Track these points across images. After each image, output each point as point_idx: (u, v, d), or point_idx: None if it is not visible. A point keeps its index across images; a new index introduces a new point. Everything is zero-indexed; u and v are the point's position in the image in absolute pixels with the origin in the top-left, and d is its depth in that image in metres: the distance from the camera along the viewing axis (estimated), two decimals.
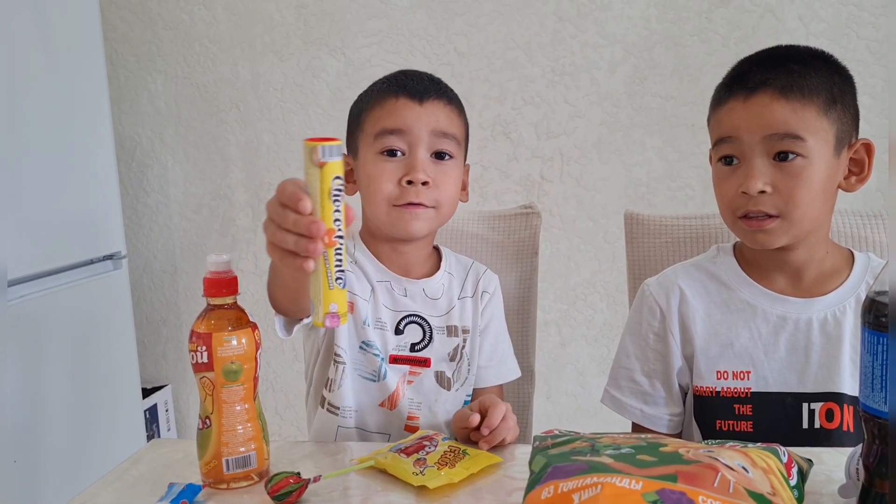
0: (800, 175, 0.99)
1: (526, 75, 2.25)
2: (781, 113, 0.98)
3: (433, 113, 1.11)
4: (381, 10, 2.27)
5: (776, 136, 0.99)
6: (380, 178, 1.10)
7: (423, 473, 0.85)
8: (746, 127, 1.00)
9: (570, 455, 0.73)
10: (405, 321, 1.15)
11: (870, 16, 2.12)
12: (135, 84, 2.42)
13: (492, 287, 1.23)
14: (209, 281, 0.86)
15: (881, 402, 0.65)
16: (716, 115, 1.07)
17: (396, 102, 1.11)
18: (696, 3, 2.17)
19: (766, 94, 1.00)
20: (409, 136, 1.09)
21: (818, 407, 1.04)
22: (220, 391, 0.86)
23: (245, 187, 2.41)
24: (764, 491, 0.65)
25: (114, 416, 2.06)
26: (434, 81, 1.16)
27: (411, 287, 1.17)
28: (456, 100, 1.17)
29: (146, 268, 2.50)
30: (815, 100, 0.99)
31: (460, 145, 1.15)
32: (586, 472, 0.67)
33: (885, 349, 0.65)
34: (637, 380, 1.14)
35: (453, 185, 1.13)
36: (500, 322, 1.25)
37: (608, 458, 0.71)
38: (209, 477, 0.87)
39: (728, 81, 1.06)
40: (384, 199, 1.10)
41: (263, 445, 0.89)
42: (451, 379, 1.17)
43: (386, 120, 1.10)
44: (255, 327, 0.88)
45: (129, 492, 0.88)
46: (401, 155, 1.10)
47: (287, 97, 2.35)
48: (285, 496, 0.81)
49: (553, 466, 0.70)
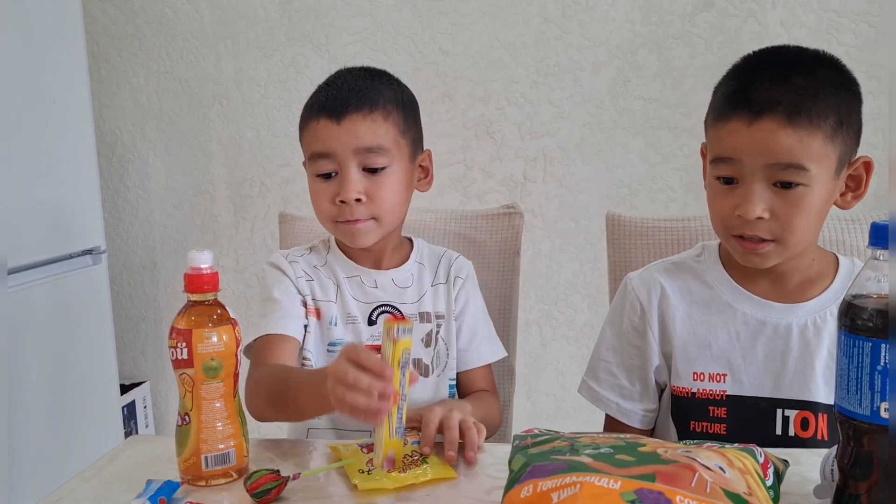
0: (800, 203, 0.96)
1: (510, 75, 2.26)
2: (787, 143, 0.94)
3: (352, 131, 1.10)
4: (365, 8, 2.27)
5: (779, 166, 0.95)
6: (318, 199, 1.14)
7: (368, 473, 0.85)
8: (749, 152, 0.96)
9: (549, 454, 0.73)
10: (377, 311, 1.18)
11: (850, 22, 2.14)
12: (116, 78, 2.40)
13: (464, 272, 1.25)
14: (190, 277, 0.86)
15: (856, 403, 0.66)
16: (716, 130, 1.02)
17: (318, 125, 1.12)
18: (680, 7, 2.19)
19: (773, 120, 0.95)
20: (334, 157, 1.11)
21: (793, 415, 1.03)
22: (200, 388, 0.85)
23: (227, 183, 2.40)
24: (740, 491, 0.65)
25: (91, 413, 2.04)
26: (354, 90, 1.12)
27: (380, 278, 1.20)
28: (383, 102, 1.13)
29: (126, 263, 2.48)
30: (823, 126, 0.95)
31: (390, 152, 1.13)
32: (565, 471, 0.67)
33: (860, 352, 0.66)
34: (615, 373, 1.13)
35: (390, 195, 1.13)
36: (477, 305, 1.26)
37: (587, 457, 0.70)
38: (188, 474, 0.87)
39: (731, 95, 1.01)
40: (326, 217, 1.15)
41: (243, 442, 0.89)
42: (429, 366, 1.19)
43: (312, 144, 1.13)
44: (235, 324, 0.87)
45: (106, 488, 0.88)
46: (335, 174, 1.12)
47: (270, 93, 2.34)
48: (264, 494, 0.81)
49: (532, 465, 0.70)
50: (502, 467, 0.84)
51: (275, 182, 2.37)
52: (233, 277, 2.40)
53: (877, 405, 0.65)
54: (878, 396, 0.65)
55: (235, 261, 2.41)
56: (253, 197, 2.39)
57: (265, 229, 2.39)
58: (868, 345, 0.65)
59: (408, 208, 1.20)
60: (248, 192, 2.39)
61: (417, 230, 1.37)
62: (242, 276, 2.41)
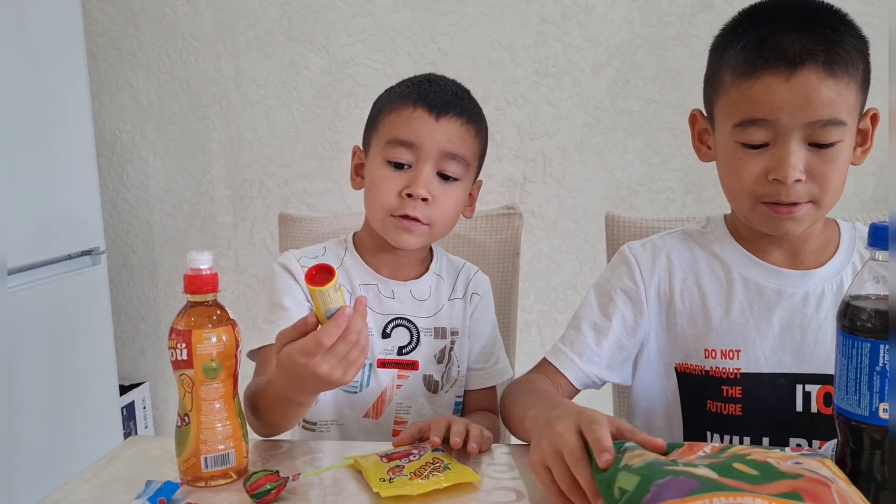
0: (836, 160, 0.91)
1: (509, 76, 2.26)
2: (828, 96, 0.88)
3: (447, 132, 1.08)
4: (365, 9, 2.27)
5: (820, 124, 0.88)
6: (382, 187, 1.09)
7: (390, 481, 0.83)
8: (788, 111, 0.89)
9: (661, 466, 0.64)
10: (392, 324, 1.14)
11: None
12: (116, 78, 2.40)
13: (482, 289, 1.22)
14: (190, 278, 0.86)
15: (855, 404, 0.66)
16: (744, 89, 0.92)
17: (413, 113, 1.08)
18: (679, 8, 2.19)
19: (812, 70, 0.87)
20: (418, 150, 1.07)
21: (814, 390, 0.97)
22: (200, 388, 0.85)
23: (226, 184, 2.40)
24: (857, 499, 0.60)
25: (90, 413, 2.04)
26: (457, 96, 1.11)
27: (398, 289, 1.16)
28: (476, 117, 1.13)
29: (125, 264, 2.48)
30: (856, 74, 0.90)
31: (469, 166, 1.12)
32: (700, 491, 0.58)
33: (859, 353, 0.66)
34: (583, 329, 1.06)
35: (453, 206, 1.12)
36: (493, 323, 1.24)
37: (708, 469, 0.62)
38: (187, 475, 0.87)
39: (759, 46, 0.91)
40: (382, 207, 1.09)
41: (242, 443, 0.88)
42: (439, 382, 1.16)
43: (399, 129, 1.08)
44: (234, 325, 0.87)
45: (105, 489, 0.88)
46: (407, 167, 1.09)
47: (270, 94, 2.34)
48: (263, 494, 0.81)
49: (655, 485, 0.60)
50: (501, 467, 0.85)
51: (274, 183, 2.37)
52: (232, 278, 2.40)
53: (876, 406, 0.65)
54: (876, 397, 0.65)
55: (235, 261, 2.41)
56: (252, 197, 2.39)
57: (265, 230, 2.39)
58: (867, 345, 0.65)
59: (453, 227, 1.17)
60: (248, 193, 2.39)
61: None
62: (242, 276, 2.41)
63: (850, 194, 2.22)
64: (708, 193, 2.18)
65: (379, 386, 1.13)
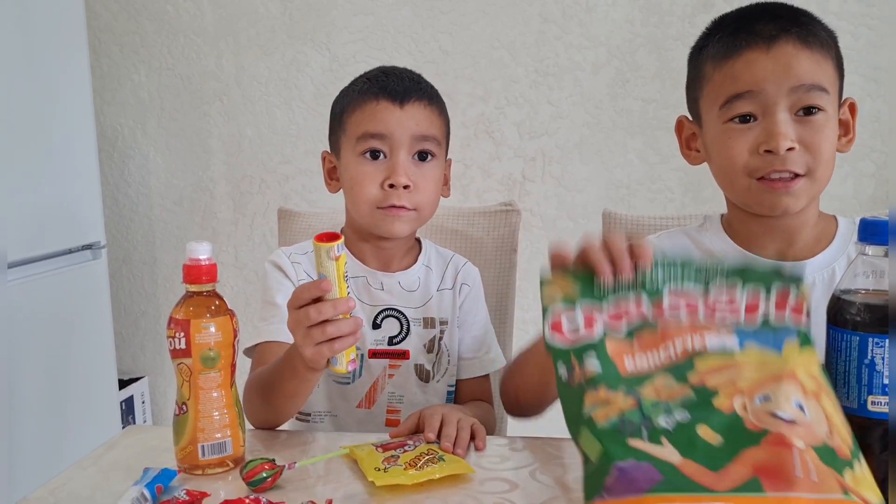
0: (823, 129, 0.94)
1: (510, 75, 2.26)
2: (808, 64, 0.93)
3: (413, 116, 1.11)
4: (366, 7, 2.28)
5: (803, 88, 0.92)
6: (363, 181, 1.11)
7: (385, 471, 0.84)
8: (773, 79, 0.93)
9: (625, 437, 0.65)
10: (382, 315, 1.16)
11: (849, 25, 2.15)
12: (118, 74, 2.41)
13: (471, 279, 1.24)
14: (189, 268, 0.86)
15: (844, 397, 0.67)
16: (727, 68, 0.97)
17: (377, 105, 1.11)
18: (680, 8, 2.20)
19: (788, 42, 0.93)
20: (390, 139, 1.10)
21: None
22: (198, 377, 0.86)
23: (227, 180, 2.41)
24: (822, 435, 0.62)
25: (89, 407, 2.05)
26: (414, 80, 1.15)
27: (387, 280, 1.18)
28: (437, 98, 1.17)
29: (125, 259, 2.49)
30: (829, 52, 0.96)
31: (441, 144, 1.15)
32: (660, 489, 0.60)
33: (848, 346, 0.66)
34: None
35: (434, 186, 1.14)
36: (483, 313, 1.25)
37: (673, 448, 0.63)
38: (185, 462, 0.88)
39: (736, 32, 0.97)
40: (367, 201, 1.11)
41: (239, 432, 0.89)
42: (430, 371, 1.17)
43: (367, 123, 1.11)
44: (233, 315, 0.88)
45: (103, 477, 0.89)
46: (383, 157, 1.11)
47: (271, 91, 2.35)
48: (259, 482, 0.82)
49: (616, 467, 0.62)
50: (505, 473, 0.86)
51: (274, 179, 2.38)
52: (232, 273, 2.41)
53: (864, 398, 0.66)
54: (865, 390, 0.66)
55: (235, 257, 2.42)
56: (252, 194, 2.40)
57: (264, 226, 2.40)
58: (856, 339, 0.66)
59: (437, 208, 1.19)
60: (248, 189, 2.40)
61: None
62: (242, 272, 2.42)
63: (850, 195, 2.23)
64: (707, 193, 2.18)
65: (371, 376, 1.15)
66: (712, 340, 0.69)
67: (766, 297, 0.70)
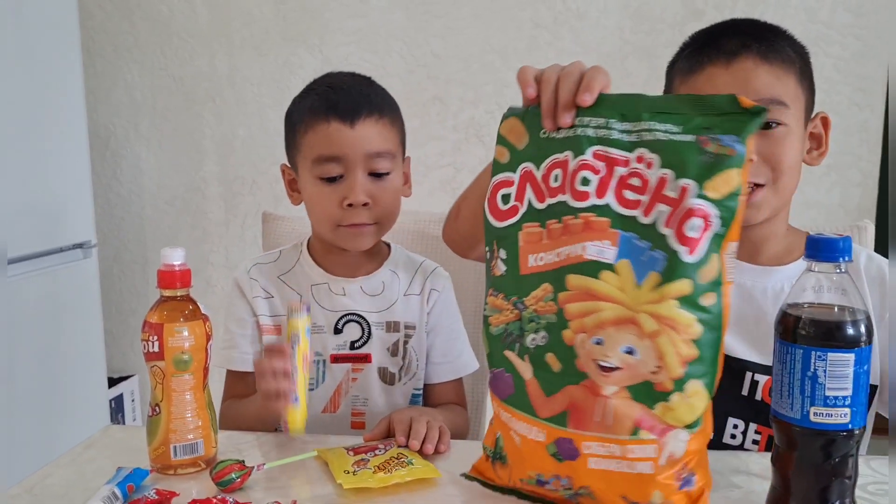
0: (783, 142, 0.98)
1: (501, 79, 2.28)
2: (767, 79, 0.97)
3: (366, 136, 1.10)
4: (360, 10, 2.30)
5: (763, 102, 0.93)
6: (321, 202, 1.13)
7: (354, 473, 0.86)
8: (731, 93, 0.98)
9: (504, 348, 0.78)
10: (343, 320, 1.18)
11: (838, 35, 2.17)
12: (111, 74, 2.43)
13: (440, 285, 1.24)
14: (162, 273, 0.88)
15: (788, 407, 0.69)
16: (688, 83, 1.02)
17: (328, 127, 1.10)
18: (670, 16, 2.21)
19: (748, 58, 0.97)
20: (344, 160, 1.10)
21: (762, 380, 1.01)
22: (170, 380, 0.88)
23: (219, 181, 2.43)
24: (645, 373, 0.70)
25: (79, 406, 2.07)
26: (364, 94, 1.13)
27: (349, 286, 1.19)
28: (388, 107, 1.15)
29: (116, 258, 2.51)
30: (793, 67, 0.99)
31: (396, 157, 1.15)
32: (509, 401, 0.78)
33: (793, 358, 0.68)
34: None
35: (392, 197, 1.15)
36: (454, 318, 1.26)
37: (528, 364, 0.76)
38: (157, 462, 0.89)
39: (700, 48, 1.02)
40: (327, 220, 1.13)
41: (211, 434, 0.91)
42: (395, 374, 1.19)
43: (320, 147, 1.11)
44: (206, 319, 0.90)
45: (79, 475, 0.90)
46: (339, 178, 1.12)
47: (264, 92, 2.37)
48: (229, 483, 0.83)
49: (491, 372, 0.80)
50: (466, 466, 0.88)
51: (266, 180, 2.40)
52: (223, 274, 2.43)
53: (807, 409, 0.67)
54: (808, 401, 0.67)
55: (225, 258, 2.44)
56: (244, 195, 2.42)
57: (255, 227, 2.41)
58: (800, 352, 0.68)
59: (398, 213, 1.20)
60: (240, 190, 2.42)
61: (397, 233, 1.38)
62: (232, 273, 2.43)
63: (836, 204, 2.25)
64: None
65: (334, 381, 1.17)
66: (593, 248, 0.73)
67: (675, 177, 0.71)
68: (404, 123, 1.21)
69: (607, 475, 0.72)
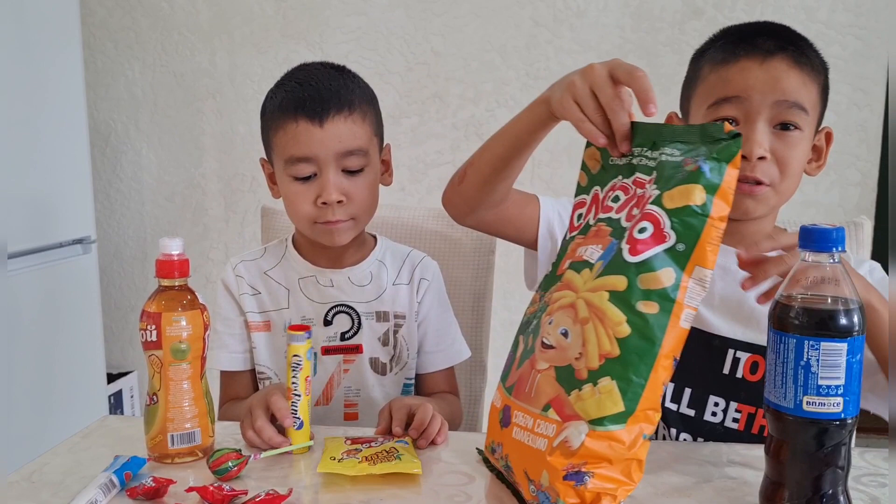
0: (796, 146, 1.00)
1: (501, 78, 2.29)
2: (795, 82, 0.99)
3: (335, 135, 1.09)
4: (360, 7, 2.30)
5: (786, 104, 0.99)
6: (296, 201, 1.12)
7: (339, 461, 0.86)
8: (760, 89, 0.99)
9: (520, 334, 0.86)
10: (333, 311, 1.18)
11: (837, 34, 2.17)
12: (112, 70, 2.43)
13: (429, 274, 1.25)
14: (161, 263, 0.89)
15: (781, 397, 0.69)
16: (723, 71, 1.03)
17: (297, 128, 1.09)
18: (670, 15, 2.22)
19: (783, 60, 1.00)
20: (315, 160, 1.10)
21: (744, 357, 1.04)
22: (168, 369, 0.88)
23: (218, 177, 2.43)
24: (570, 357, 0.74)
25: (78, 401, 2.07)
26: (332, 90, 1.11)
27: (336, 277, 1.19)
28: (358, 102, 1.12)
29: (116, 253, 2.51)
30: (818, 78, 1.02)
31: (369, 152, 1.13)
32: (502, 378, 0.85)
33: (786, 348, 0.69)
34: None
35: (367, 193, 1.14)
36: (445, 307, 1.27)
37: (522, 346, 0.83)
38: (154, 451, 0.90)
39: (737, 42, 1.03)
40: (304, 218, 1.13)
41: (208, 423, 0.92)
42: (386, 364, 1.19)
43: (291, 147, 1.10)
44: (204, 309, 0.90)
45: (76, 463, 0.91)
46: (313, 176, 1.11)
47: (264, 89, 2.30)
48: (225, 471, 0.84)
49: (510, 353, 0.86)
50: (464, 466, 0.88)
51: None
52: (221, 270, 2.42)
53: (800, 398, 0.68)
54: (801, 390, 0.68)
55: (225, 254, 2.44)
56: (244, 191, 2.42)
57: (255, 223, 2.42)
58: (793, 341, 0.68)
59: (377, 206, 1.20)
60: (239, 187, 2.42)
61: (394, 227, 1.39)
62: None
63: (835, 204, 2.25)
64: None
65: (326, 373, 1.18)
66: (587, 250, 0.80)
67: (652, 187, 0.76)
68: (380, 112, 1.20)
69: (520, 447, 0.76)
